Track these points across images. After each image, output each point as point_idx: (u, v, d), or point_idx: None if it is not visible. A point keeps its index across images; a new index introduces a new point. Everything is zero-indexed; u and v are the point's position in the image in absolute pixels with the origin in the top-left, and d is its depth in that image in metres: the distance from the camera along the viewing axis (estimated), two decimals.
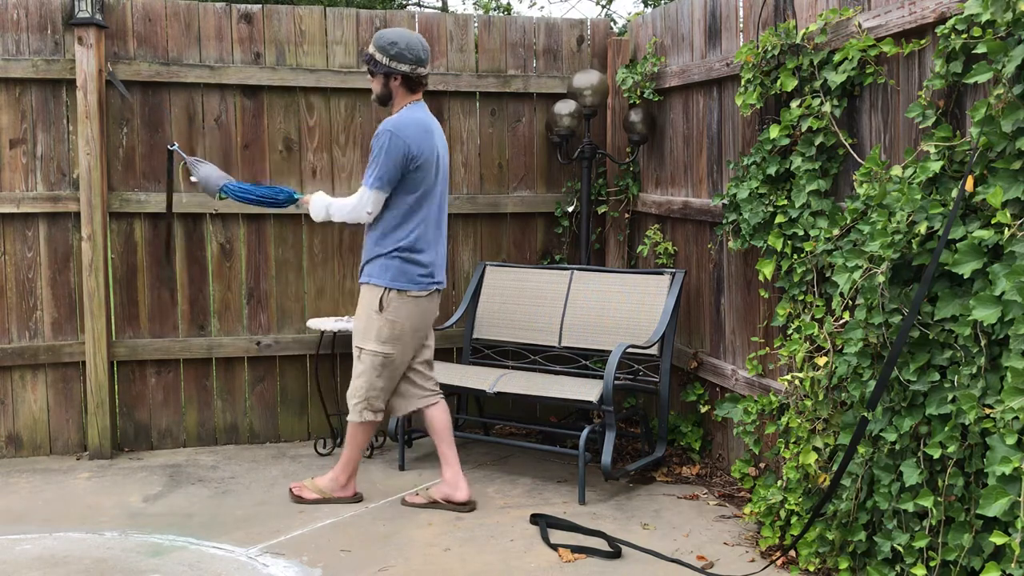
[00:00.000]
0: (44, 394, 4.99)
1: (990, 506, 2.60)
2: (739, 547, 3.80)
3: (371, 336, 4.09)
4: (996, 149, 2.81)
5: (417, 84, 4.10)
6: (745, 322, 4.44)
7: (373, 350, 4.09)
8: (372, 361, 4.10)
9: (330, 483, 4.26)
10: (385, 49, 4.04)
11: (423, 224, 4.07)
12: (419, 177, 4.02)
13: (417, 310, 4.11)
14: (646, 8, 13.25)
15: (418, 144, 3.99)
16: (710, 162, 4.71)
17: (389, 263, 4.05)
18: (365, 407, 4.15)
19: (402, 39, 4.04)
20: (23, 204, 4.87)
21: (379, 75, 4.09)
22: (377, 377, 4.12)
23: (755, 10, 4.20)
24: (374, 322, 4.07)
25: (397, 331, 4.08)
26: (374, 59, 4.07)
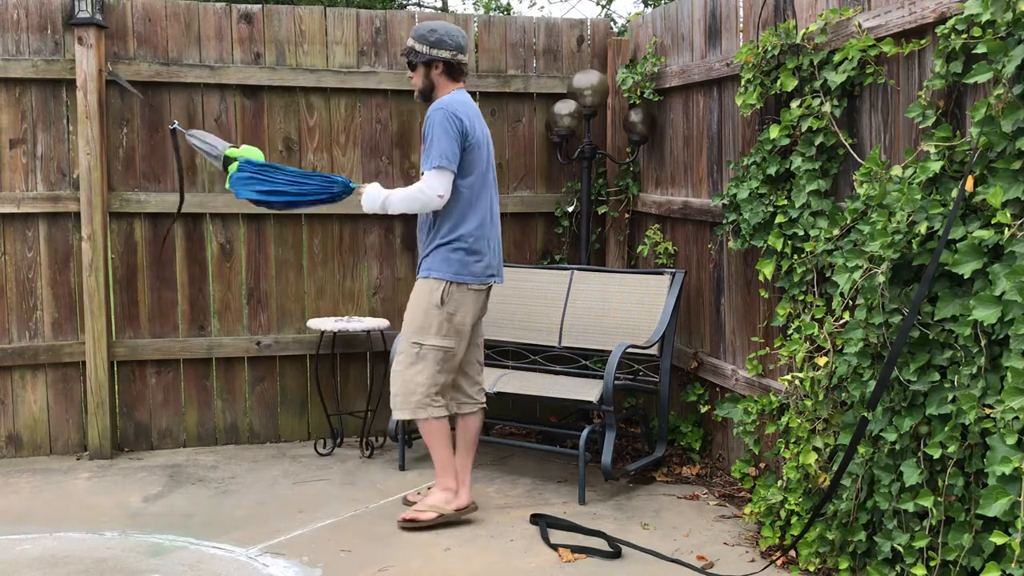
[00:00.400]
0: (44, 394, 4.99)
1: (990, 506, 2.60)
2: (739, 547, 3.80)
3: (431, 331, 3.93)
4: (996, 149, 2.81)
5: (459, 72, 3.97)
6: (745, 322, 4.44)
7: (434, 344, 3.93)
8: (435, 356, 3.94)
9: (443, 495, 4.04)
10: (424, 37, 3.92)
11: (482, 213, 3.94)
12: (473, 159, 3.90)
13: (476, 305, 3.99)
14: (646, 8, 13.24)
15: (471, 121, 3.87)
16: (710, 162, 4.71)
17: (451, 255, 3.91)
18: (429, 402, 3.96)
19: (441, 27, 3.93)
20: (23, 204, 4.87)
21: (419, 66, 3.95)
22: (439, 372, 3.96)
23: (755, 10, 4.20)
24: (434, 316, 3.92)
25: (457, 325, 3.95)
26: (413, 50, 3.94)
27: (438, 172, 3.82)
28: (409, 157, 5.35)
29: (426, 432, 4.03)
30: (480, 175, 3.94)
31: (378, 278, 5.36)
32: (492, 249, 4.01)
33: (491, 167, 4.03)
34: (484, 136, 3.98)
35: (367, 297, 5.35)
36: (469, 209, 3.92)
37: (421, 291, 3.97)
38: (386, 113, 5.29)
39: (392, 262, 5.37)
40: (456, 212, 3.91)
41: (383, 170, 5.31)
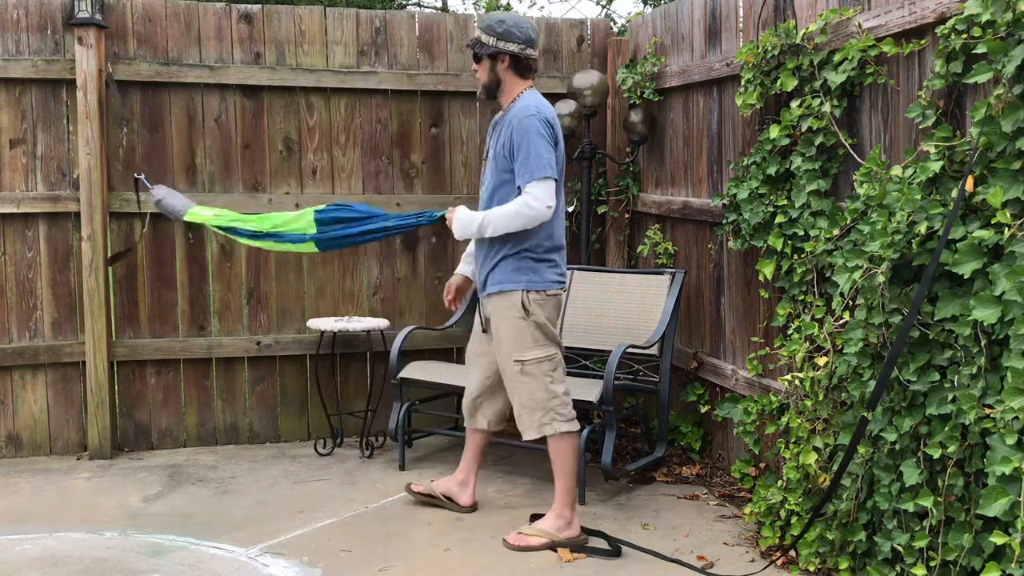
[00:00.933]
0: (44, 394, 4.99)
1: (990, 506, 2.60)
2: (739, 547, 3.80)
3: (527, 343, 3.74)
4: (996, 149, 2.81)
5: (527, 68, 3.78)
6: (745, 322, 4.44)
7: (537, 356, 3.76)
8: (540, 368, 3.76)
9: (555, 522, 3.79)
10: (492, 28, 3.72)
11: (556, 216, 3.77)
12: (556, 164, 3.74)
13: (556, 310, 3.83)
14: (646, 8, 13.24)
15: (556, 127, 3.73)
16: (710, 162, 4.71)
17: (521, 264, 3.73)
18: (554, 417, 3.76)
19: (510, 18, 3.74)
20: (23, 204, 4.87)
21: (484, 59, 3.75)
22: (552, 383, 3.78)
23: (755, 10, 4.20)
24: (524, 329, 3.73)
25: (548, 330, 3.78)
26: (479, 41, 3.74)
27: (544, 183, 3.62)
28: (409, 157, 5.35)
29: (555, 453, 3.81)
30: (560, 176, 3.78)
31: (378, 278, 5.36)
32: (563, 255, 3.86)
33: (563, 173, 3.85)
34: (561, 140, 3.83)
35: (367, 297, 5.35)
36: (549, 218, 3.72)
37: (500, 308, 3.76)
38: (386, 113, 5.29)
39: (392, 262, 5.37)
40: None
41: (383, 170, 5.31)
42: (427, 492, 4.21)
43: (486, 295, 3.85)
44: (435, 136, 5.38)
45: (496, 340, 3.83)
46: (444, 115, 5.38)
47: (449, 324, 5.15)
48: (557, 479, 3.81)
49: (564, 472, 3.79)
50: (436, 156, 5.39)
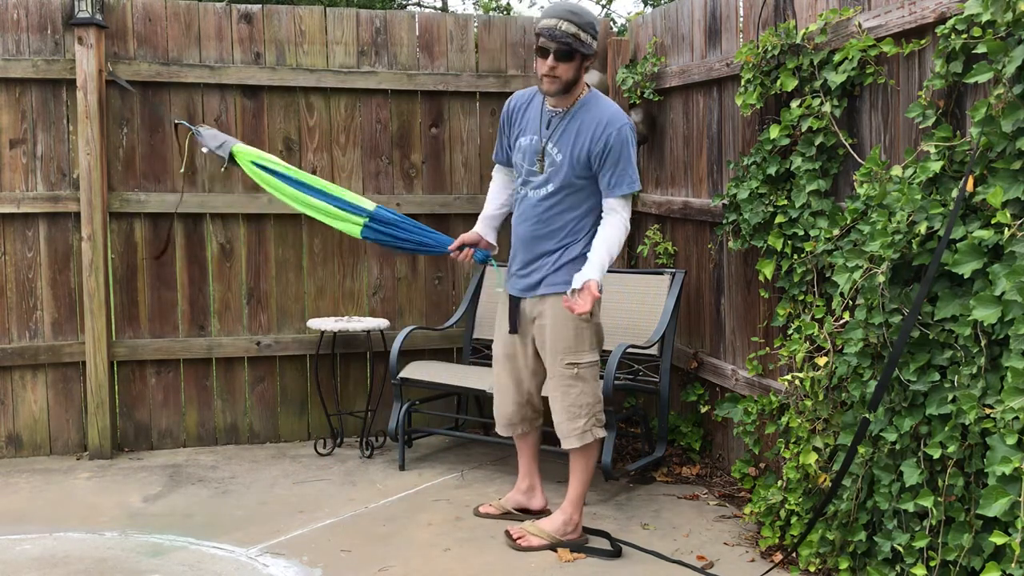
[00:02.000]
0: (44, 394, 4.99)
1: (990, 506, 2.60)
2: (739, 547, 3.80)
3: (585, 347, 3.71)
4: (996, 149, 2.81)
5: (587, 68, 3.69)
6: (745, 322, 4.44)
7: (591, 360, 3.73)
8: (592, 372, 3.74)
9: (563, 526, 3.79)
10: (591, 26, 3.52)
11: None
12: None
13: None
14: (646, 8, 13.25)
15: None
16: (710, 162, 4.71)
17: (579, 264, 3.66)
18: (595, 423, 3.77)
19: (587, 14, 3.58)
20: (23, 204, 4.87)
21: (577, 56, 3.53)
22: (598, 388, 3.79)
23: (755, 10, 4.20)
24: (584, 331, 3.70)
25: (601, 332, 3.81)
26: (579, 39, 3.48)
27: (629, 198, 3.63)
28: (409, 157, 5.35)
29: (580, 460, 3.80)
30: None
31: (378, 278, 5.36)
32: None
33: None
34: None
35: (367, 297, 5.35)
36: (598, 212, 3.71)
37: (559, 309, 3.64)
38: (386, 113, 5.29)
39: (392, 262, 5.37)
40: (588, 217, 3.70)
41: (383, 170, 5.31)
42: (501, 511, 4.10)
43: (540, 295, 3.73)
44: (435, 136, 5.38)
45: (550, 341, 3.73)
46: (444, 115, 5.38)
47: (449, 324, 5.15)
48: (574, 482, 3.80)
49: (583, 477, 3.80)
50: (436, 156, 5.39)
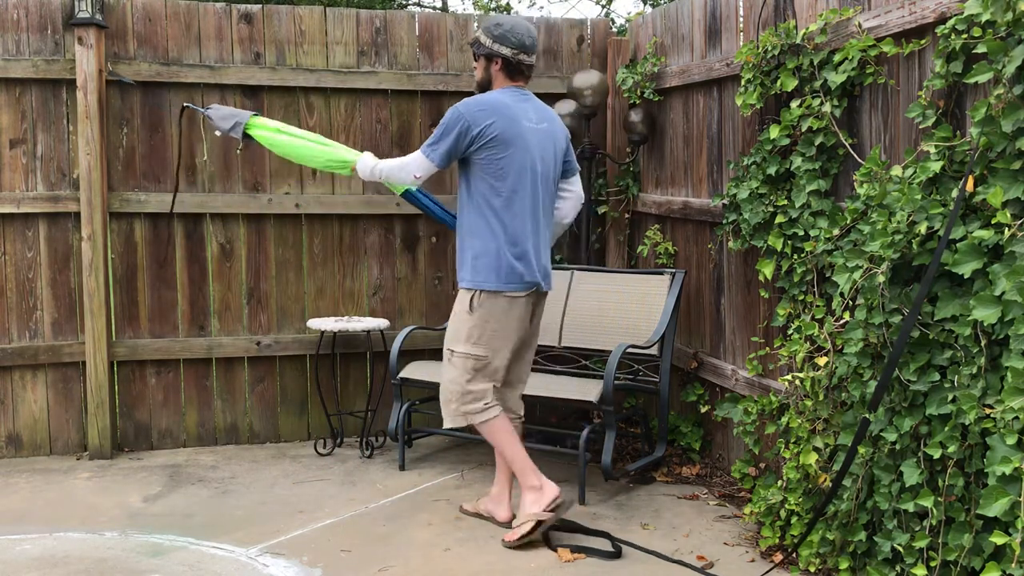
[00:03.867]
0: (44, 394, 4.99)
1: (990, 506, 2.60)
2: (739, 547, 3.80)
3: (460, 338, 3.84)
4: (996, 149, 2.81)
5: (517, 71, 3.87)
6: (745, 322, 4.44)
7: (463, 352, 3.85)
8: (464, 364, 3.86)
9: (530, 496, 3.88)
10: (489, 30, 3.87)
11: (511, 217, 3.79)
12: (494, 162, 3.76)
13: (510, 313, 3.84)
14: (646, 8, 13.25)
15: (484, 122, 3.74)
16: (710, 162, 4.71)
17: (477, 263, 3.81)
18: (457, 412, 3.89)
19: (508, 22, 3.88)
20: (23, 204, 4.87)
21: (481, 58, 3.91)
22: (466, 382, 3.86)
23: (755, 10, 4.20)
24: (463, 324, 3.83)
25: (488, 332, 3.83)
26: (478, 41, 3.91)
27: (423, 158, 3.83)
28: None
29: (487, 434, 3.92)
30: (510, 177, 3.77)
31: (378, 278, 5.36)
32: (531, 256, 3.84)
33: (535, 170, 3.83)
34: (520, 135, 3.79)
35: (367, 297, 5.35)
36: (495, 211, 3.79)
37: (458, 299, 3.88)
38: (386, 113, 5.29)
39: (392, 262, 5.37)
40: (479, 215, 3.81)
41: None
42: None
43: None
44: None
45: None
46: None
47: None
48: (505, 460, 3.96)
49: (503, 453, 3.93)
50: None
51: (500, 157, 3.76)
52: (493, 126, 3.75)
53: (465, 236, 3.87)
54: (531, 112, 3.87)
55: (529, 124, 3.83)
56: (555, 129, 3.96)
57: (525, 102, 3.88)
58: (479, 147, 3.76)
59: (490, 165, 3.77)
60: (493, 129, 3.74)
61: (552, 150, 3.92)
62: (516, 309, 3.84)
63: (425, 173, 3.85)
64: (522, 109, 3.84)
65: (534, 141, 3.84)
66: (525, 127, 3.81)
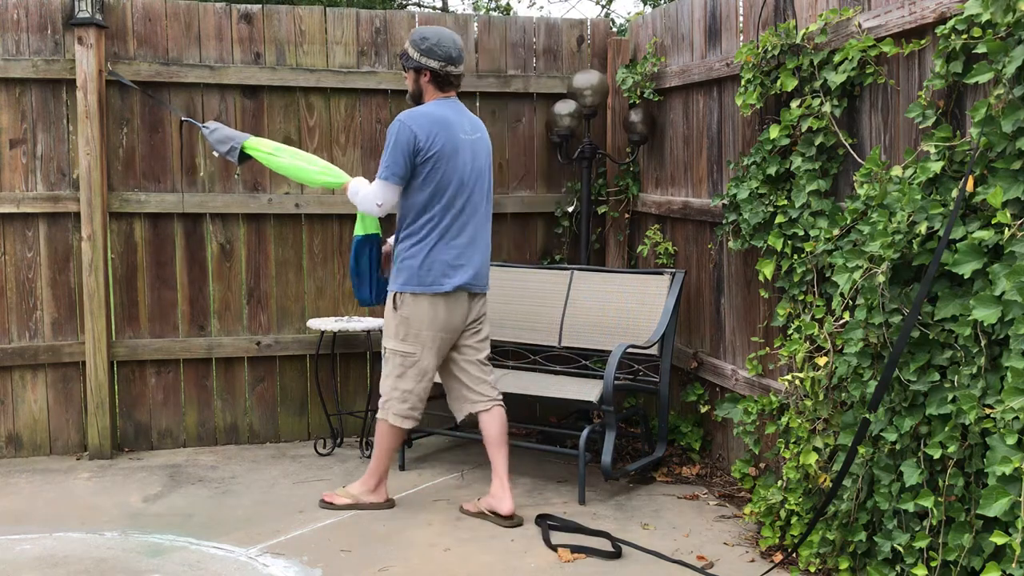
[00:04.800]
0: (44, 394, 4.99)
1: (990, 506, 2.60)
2: (739, 547, 3.80)
3: (390, 333, 4.06)
4: (996, 149, 2.81)
5: (446, 82, 4.04)
6: (745, 322, 4.44)
7: (392, 348, 4.07)
8: (393, 360, 4.08)
9: (361, 487, 4.21)
10: (416, 44, 4.01)
11: (448, 226, 3.98)
12: (435, 172, 3.93)
13: (437, 312, 4.01)
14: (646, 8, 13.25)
15: (429, 137, 3.91)
16: (710, 162, 4.71)
17: (402, 265, 4.02)
18: (389, 409, 4.09)
19: (434, 35, 4.01)
20: (23, 204, 4.87)
21: (410, 71, 4.06)
22: (397, 379, 4.07)
23: (755, 10, 4.20)
24: (391, 320, 4.05)
25: (414, 330, 4.01)
26: (406, 54, 4.05)
27: (380, 182, 3.97)
28: None
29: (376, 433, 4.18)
30: (446, 187, 3.96)
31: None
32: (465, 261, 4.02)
33: (469, 179, 4.02)
34: (455, 148, 3.97)
35: None
36: (432, 222, 3.97)
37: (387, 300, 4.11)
38: (386, 113, 5.29)
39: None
40: (411, 221, 4.00)
41: None
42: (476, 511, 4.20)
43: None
44: None
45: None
46: None
47: None
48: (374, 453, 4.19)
49: (377, 455, 4.18)
50: None
51: (440, 169, 3.95)
52: (436, 140, 3.93)
53: (401, 240, 4.03)
54: (466, 124, 4.07)
55: (465, 136, 4.03)
56: (485, 138, 4.17)
57: (460, 114, 4.07)
58: (423, 160, 3.93)
59: (430, 176, 3.95)
60: (436, 143, 3.93)
61: (485, 158, 4.13)
62: (440, 310, 4.01)
63: (385, 199, 3.98)
64: (458, 122, 4.03)
65: (470, 152, 4.04)
66: (462, 139, 4.01)
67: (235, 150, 4.26)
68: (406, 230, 4.02)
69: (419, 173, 3.95)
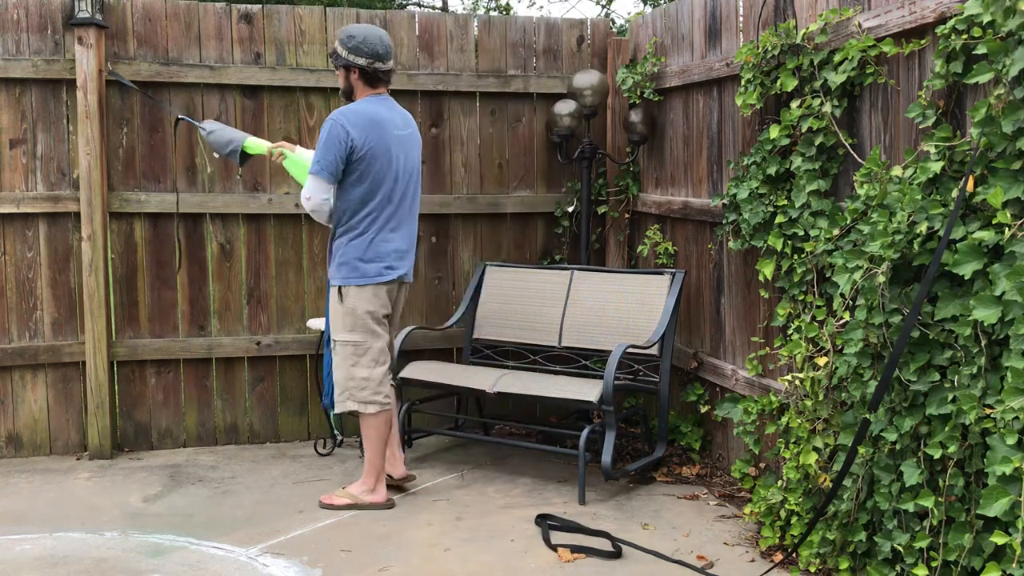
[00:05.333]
0: (44, 394, 4.99)
1: (990, 506, 2.60)
2: (739, 547, 3.80)
3: (338, 327, 4.18)
4: (996, 149, 2.81)
5: (375, 79, 4.16)
6: (745, 322, 4.44)
7: (343, 340, 4.18)
8: (344, 351, 4.19)
9: (360, 487, 4.26)
10: (344, 42, 4.14)
11: (380, 218, 4.13)
12: (367, 169, 4.07)
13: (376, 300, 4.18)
14: (646, 8, 13.25)
15: (362, 134, 4.04)
16: (710, 162, 4.71)
17: (343, 260, 4.14)
18: (349, 396, 4.20)
19: (360, 33, 4.13)
20: (23, 204, 4.87)
21: (340, 68, 4.19)
22: (352, 369, 4.18)
23: (755, 10, 4.20)
24: (338, 314, 4.17)
25: (361, 320, 4.15)
26: (336, 52, 4.17)
27: (314, 178, 4.06)
28: None
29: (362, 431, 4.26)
30: (380, 183, 4.10)
31: None
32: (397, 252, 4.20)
33: (403, 175, 4.17)
34: (387, 146, 4.10)
35: None
36: (370, 216, 4.10)
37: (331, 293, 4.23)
38: None
39: None
40: (355, 219, 4.11)
41: None
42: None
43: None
44: (435, 136, 5.38)
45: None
46: (444, 115, 5.38)
47: (449, 324, 5.15)
48: (365, 449, 4.26)
49: (368, 445, 4.24)
50: (436, 156, 5.39)
51: (374, 166, 4.08)
52: (369, 138, 4.05)
53: (338, 234, 4.16)
54: (398, 120, 4.20)
55: (397, 132, 4.17)
56: (415, 133, 4.30)
57: (391, 110, 4.19)
58: (358, 158, 4.06)
59: (364, 173, 4.08)
60: (369, 141, 4.05)
61: (416, 153, 4.28)
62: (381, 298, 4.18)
63: (314, 194, 4.08)
64: (390, 118, 4.16)
65: (401, 148, 4.17)
66: (394, 136, 4.14)
67: (236, 152, 4.33)
68: (344, 225, 4.13)
69: (354, 170, 4.07)
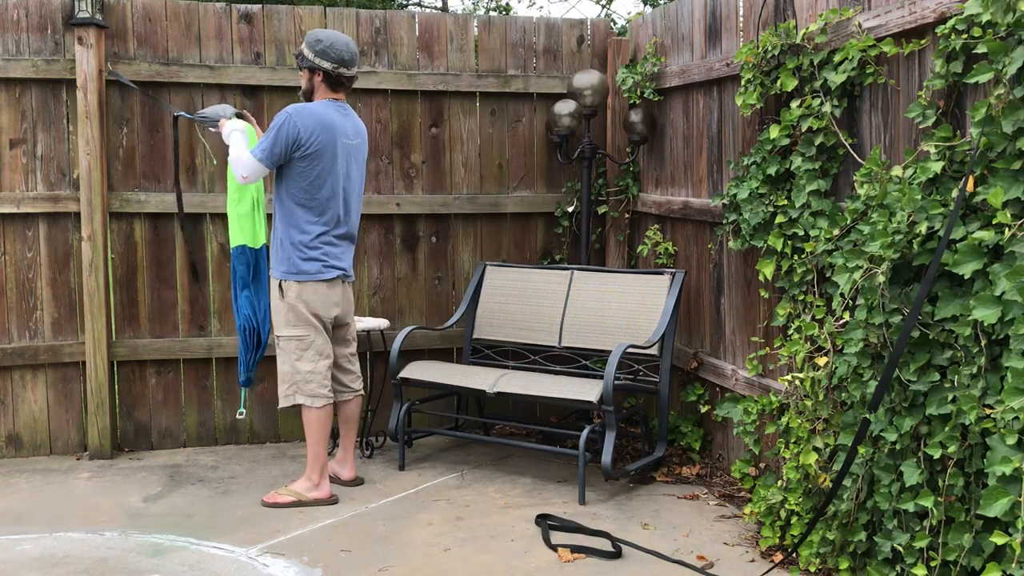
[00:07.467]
0: (44, 394, 4.99)
1: (990, 506, 2.60)
2: (739, 547, 3.80)
3: (280, 322, 4.25)
4: (996, 149, 2.81)
5: (337, 83, 4.25)
6: (745, 322, 4.44)
7: (287, 335, 4.25)
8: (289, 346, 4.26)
9: (304, 483, 4.30)
10: (312, 45, 4.21)
11: (323, 218, 4.20)
12: (308, 168, 4.14)
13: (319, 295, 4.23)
14: (646, 8, 13.25)
15: (311, 134, 4.11)
16: (710, 162, 4.71)
17: (284, 255, 4.22)
18: (297, 390, 4.25)
19: (328, 38, 4.21)
20: (23, 204, 4.87)
21: (305, 70, 4.26)
22: (296, 361, 4.25)
23: (755, 10, 4.20)
24: (279, 310, 4.24)
25: (303, 315, 4.21)
26: (301, 54, 4.24)
27: (255, 162, 4.14)
28: (409, 157, 5.35)
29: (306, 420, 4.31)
30: (323, 183, 4.18)
31: (378, 278, 5.36)
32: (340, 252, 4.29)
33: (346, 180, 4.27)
34: (334, 150, 4.18)
35: (367, 297, 5.35)
36: (311, 214, 4.18)
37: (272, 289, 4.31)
38: (386, 113, 5.29)
39: (392, 262, 5.37)
40: (297, 215, 4.19)
41: (383, 170, 5.31)
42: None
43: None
44: (435, 136, 5.38)
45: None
46: (444, 115, 5.38)
47: (449, 324, 5.15)
48: (307, 447, 4.31)
49: (310, 439, 4.30)
50: (436, 156, 5.39)
51: (317, 168, 4.16)
52: (317, 140, 4.13)
53: (280, 231, 4.23)
54: (349, 128, 4.28)
55: (346, 140, 4.26)
56: (364, 144, 4.40)
57: (345, 117, 4.28)
58: (302, 156, 4.13)
59: (307, 173, 4.16)
60: (317, 143, 4.17)
61: (362, 161, 4.38)
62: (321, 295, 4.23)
63: (252, 174, 4.16)
64: (342, 125, 4.25)
65: (347, 156, 4.26)
66: (342, 143, 4.23)
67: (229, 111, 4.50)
68: (287, 219, 4.21)
69: (297, 166, 4.14)
